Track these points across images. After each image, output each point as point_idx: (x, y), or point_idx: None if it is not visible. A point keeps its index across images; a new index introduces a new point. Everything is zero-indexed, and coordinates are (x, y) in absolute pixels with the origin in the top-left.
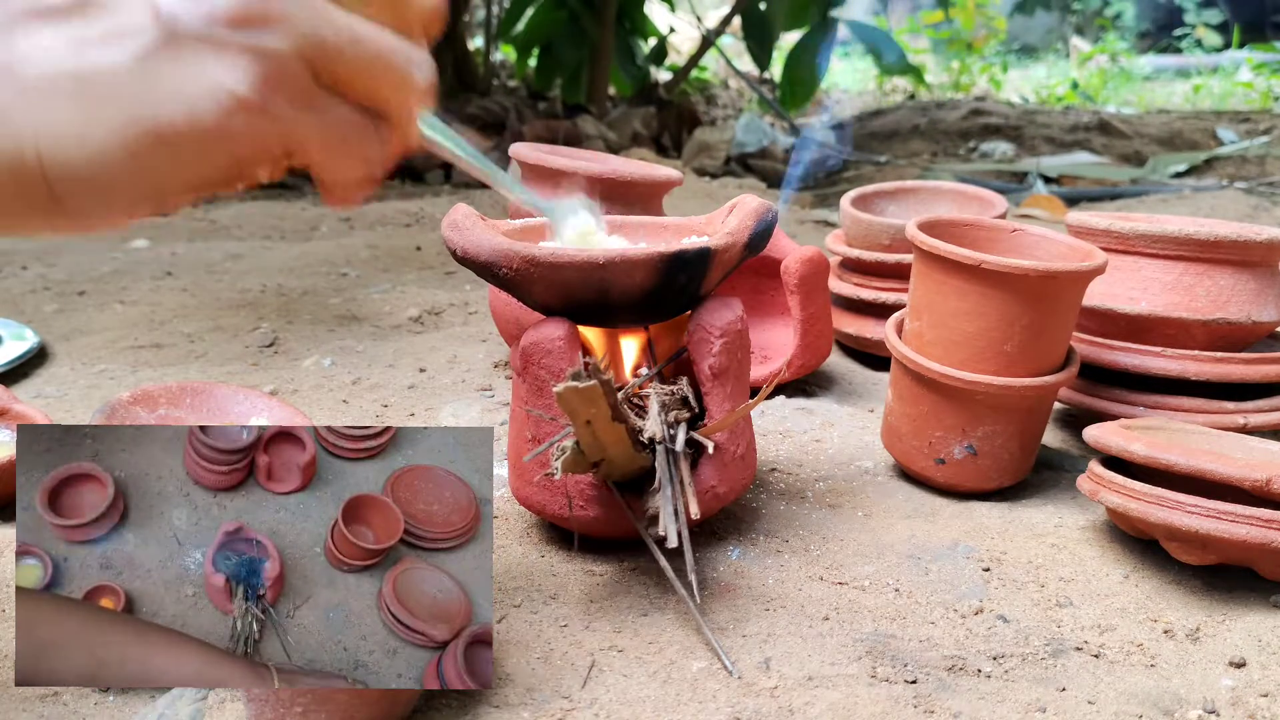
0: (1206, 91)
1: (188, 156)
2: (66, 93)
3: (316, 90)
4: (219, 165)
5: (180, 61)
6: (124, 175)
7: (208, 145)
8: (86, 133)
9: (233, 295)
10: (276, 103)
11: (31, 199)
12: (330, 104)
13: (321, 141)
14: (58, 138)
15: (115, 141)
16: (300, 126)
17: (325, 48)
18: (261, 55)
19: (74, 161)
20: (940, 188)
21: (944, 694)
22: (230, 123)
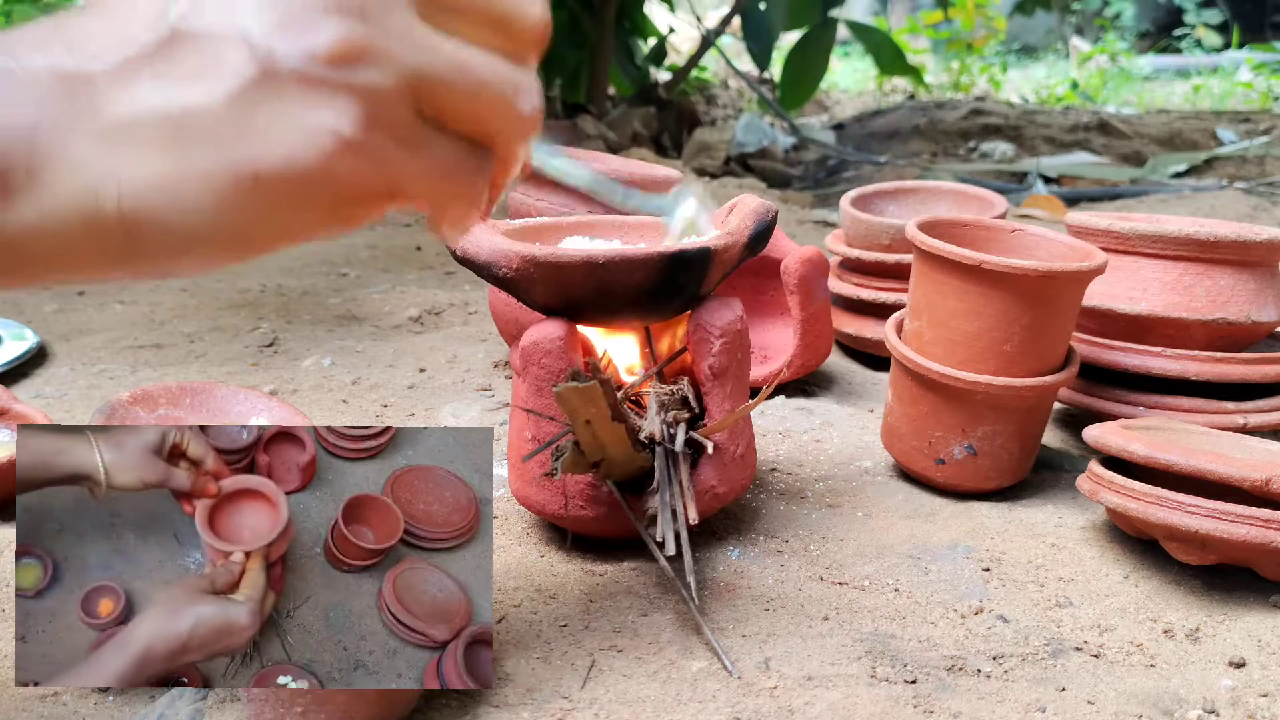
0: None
1: (285, 203)
2: (152, 139)
3: (421, 126)
4: (319, 211)
5: (277, 101)
6: (215, 225)
7: (308, 191)
8: (173, 180)
9: (232, 295)
10: (380, 143)
11: (108, 249)
12: (435, 140)
13: (426, 179)
14: (141, 186)
15: (205, 189)
16: (405, 166)
17: (429, 81)
18: (364, 93)
19: (159, 211)
20: (940, 188)
21: (944, 694)
22: (332, 166)
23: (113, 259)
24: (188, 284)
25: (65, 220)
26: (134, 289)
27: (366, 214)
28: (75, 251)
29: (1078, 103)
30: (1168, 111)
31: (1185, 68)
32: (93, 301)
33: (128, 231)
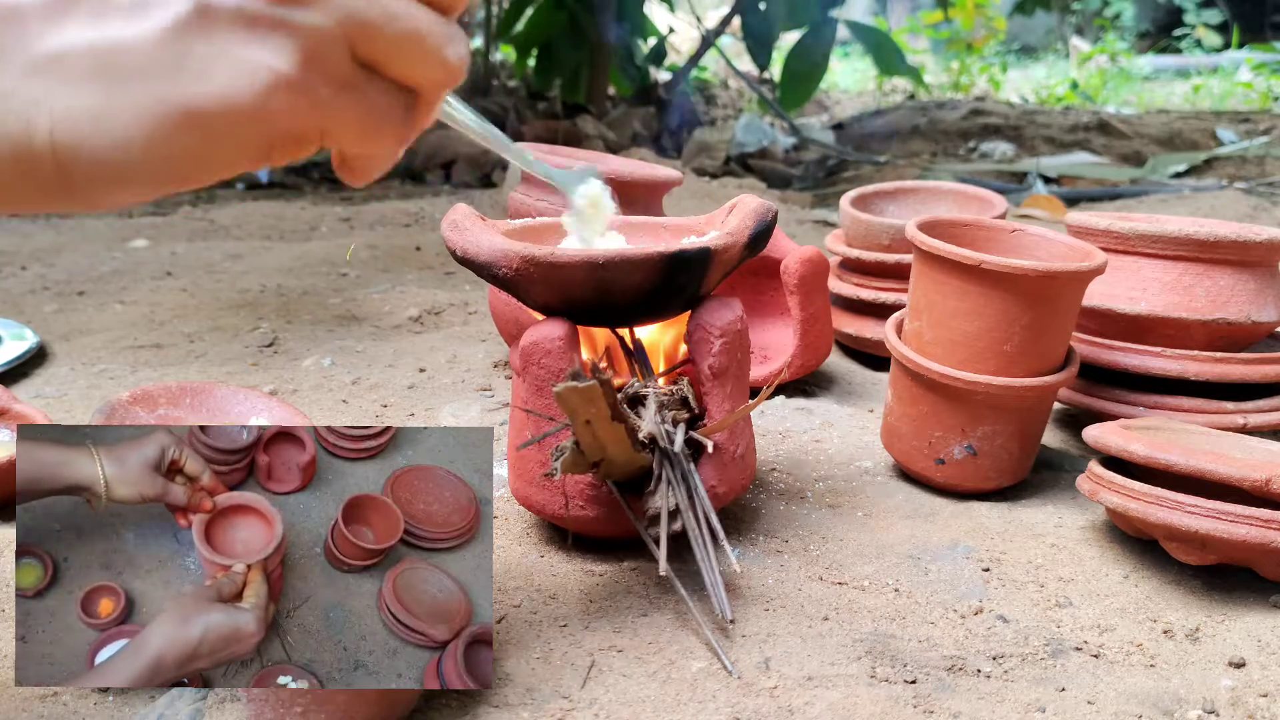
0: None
1: (219, 138)
2: (85, 70)
3: (354, 68)
4: (251, 147)
5: (214, 37)
6: (146, 158)
7: (242, 126)
8: (106, 114)
9: (232, 295)
10: (316, 82)
11: (40, 182)
12: (367, 82)
13: (356, 123)
14: (73, 119)
15: (138, 123)
16: (338, 106)
17: (365, 25)
18: (301, 32)
19: (91, 144)
20: (940, 188)
21: (944, 694)
22: (268, 103)
23: (45, 190)
24: (188, 284)
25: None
26: (134, 289)
27: (296, 151)
28: (6, 182)
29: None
30: (1168, 111)
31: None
32: (93, 301)
33: (59, 162)
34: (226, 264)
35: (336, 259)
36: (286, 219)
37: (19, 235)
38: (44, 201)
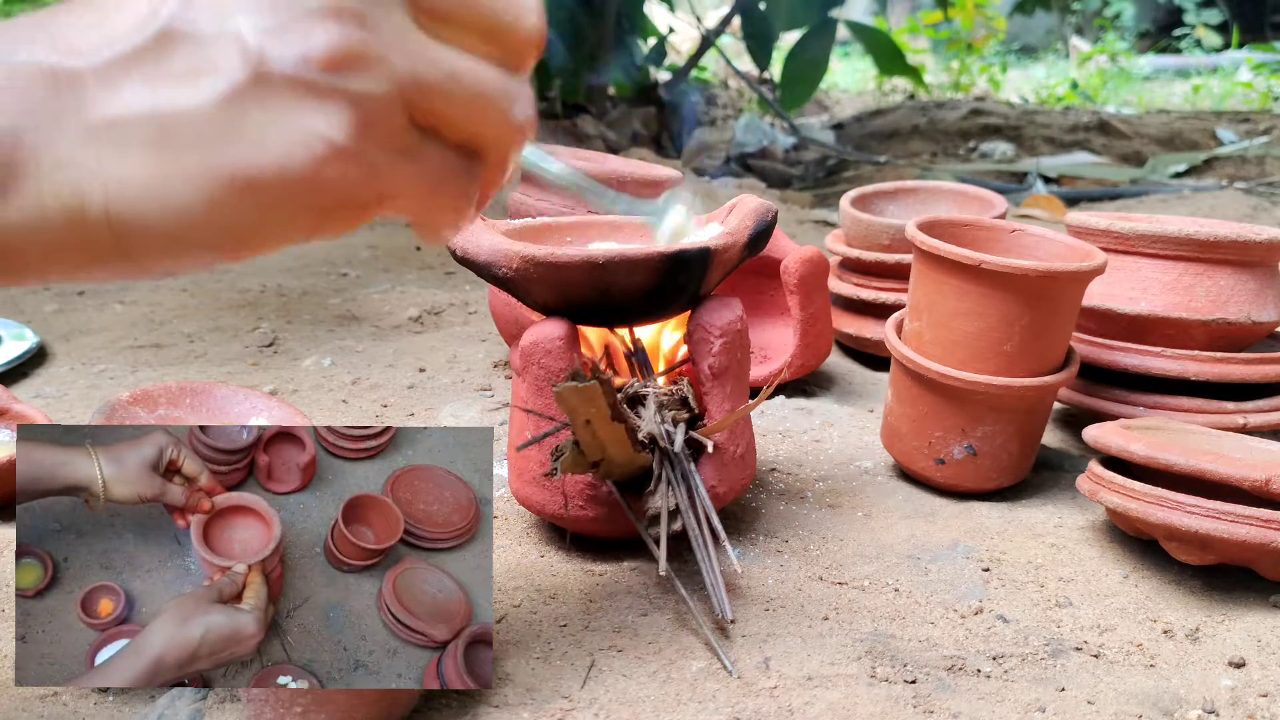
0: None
1: (274, 207)
2: (140, 139)
3: (413, 133)
4: (307, 215)
5: (269, 105)
6: (202, 227)
7: (297, 196)
8: (161, 182)
9: (232, 295)
10: (372, 150)
11: (96, 250)
12: (427, 148)
13: (417, 188)
14: (127, 188)
15: (193, 192)
16: (396, 174)
17: (423, 89)
18: (358, 100)
19: (146, 213)
20: (940, 188)
21: (943, 694)
22: (323, 172)
23: (100, 258)
24: (188, 284)
25: (50, 219)
26: (134, 289)
27: (355, 219)
28: (61, 250)
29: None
30: (1168, 111)
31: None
32: (93, 301)
33: (114, 232)
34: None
35: (336, 259)
36: None
37: None
38: (100, 269)
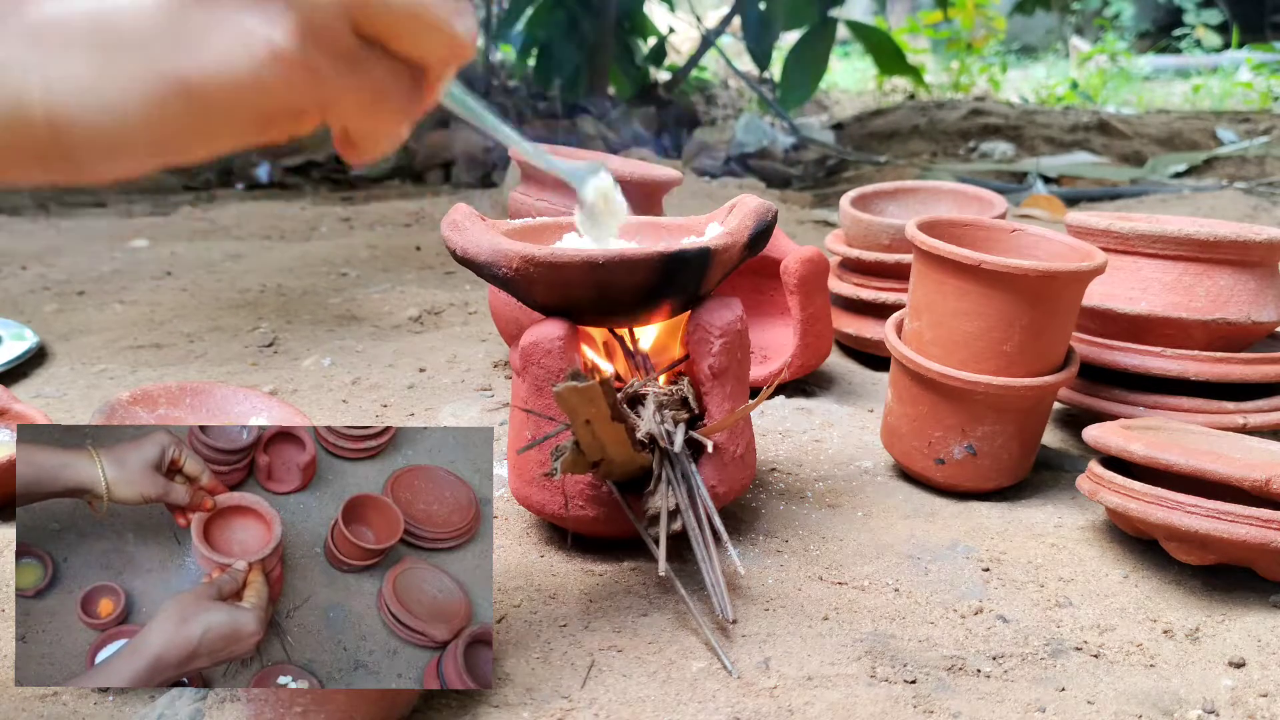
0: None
1: (215, 111)
2: (80, 40)
3: (356, 43)
4: (248, 120)
5: (211, 7)
6: (143, 129)
7: (238, 99)
8: (101, 82)
9: (232, 295)
10: (315, 56)
11: (37, 150)
12: (369, 58)
13: (358, 99)
14: (68, 87)
15: (134, 94)
16: (338, 83)
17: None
18: (301, 5)
19: (86, 114)
20: (940, 188)
21: (943, 694)
22: (265, 76)
23: (43, 159)
24: (187, 284)
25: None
26: (134, 289)
27: (294, 127)
28: (3, 151)
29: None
30: (1168, 111)
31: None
32: (93, 301)
33: (55, 131)
34: (226, 264)
35: (336, 259)
36: (286, 219)
37: (19, 235)
38: (43, 170)
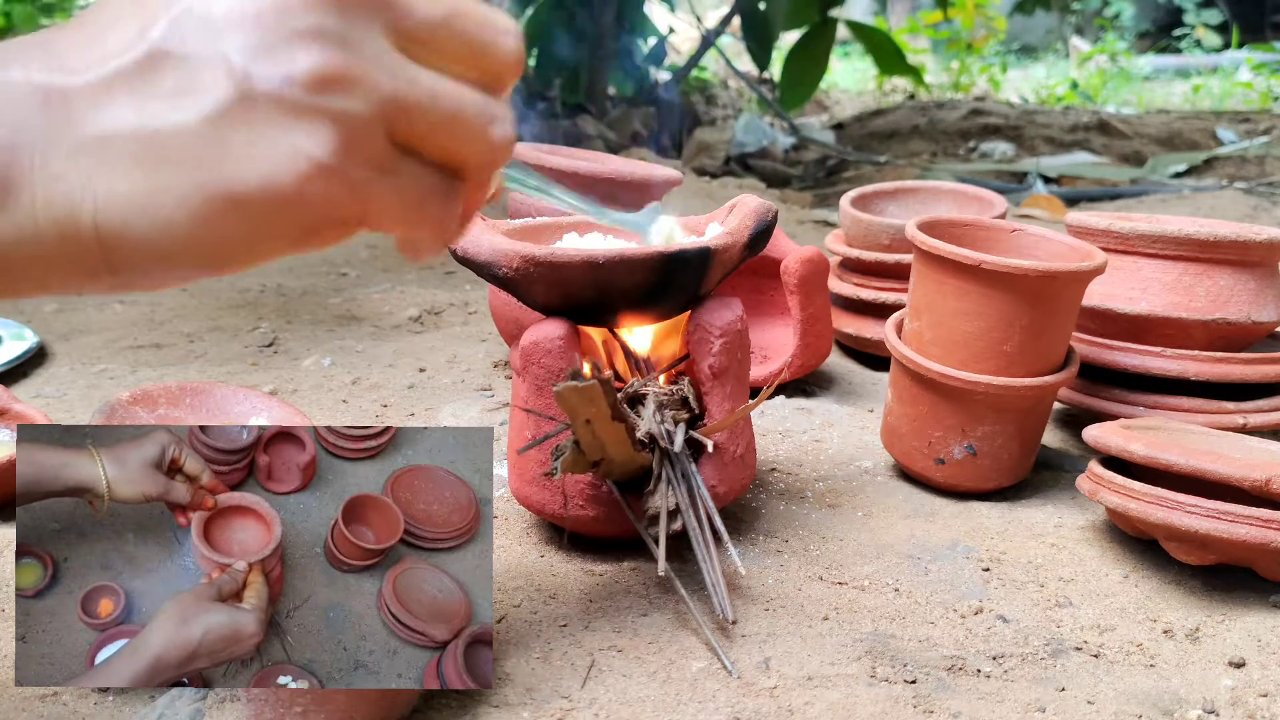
0: (1206, 91)
1: (259, 223)
2: (129, 156)
3: (394, 153)
4: (291, 232)
5: (255, 124)
6: (188, 242)
7: (280, 212)
8: (149, 198)
9: (232, 295)
10: (354, 168)
11: (85, 264)
12: (406, 166)
13: (398, 206)
14: (116, 202)
15: (179, 207)
16: (378, 192)
17: (404, 108)
18: (340, 119)
19: (134, 228)
20: (940, 188)
21: (944, 694)
22: (307, 190)
23: (89, 272)
24: None
25: (41, 232)
26: None
27: (338, 236)
28: (51, 264)
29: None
30: (1168, 111)
31: (1185, 68)
32: (93, 301)
33: (104, 246)
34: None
35: (336, 259)
36: None
37: None
38: (90, 284)
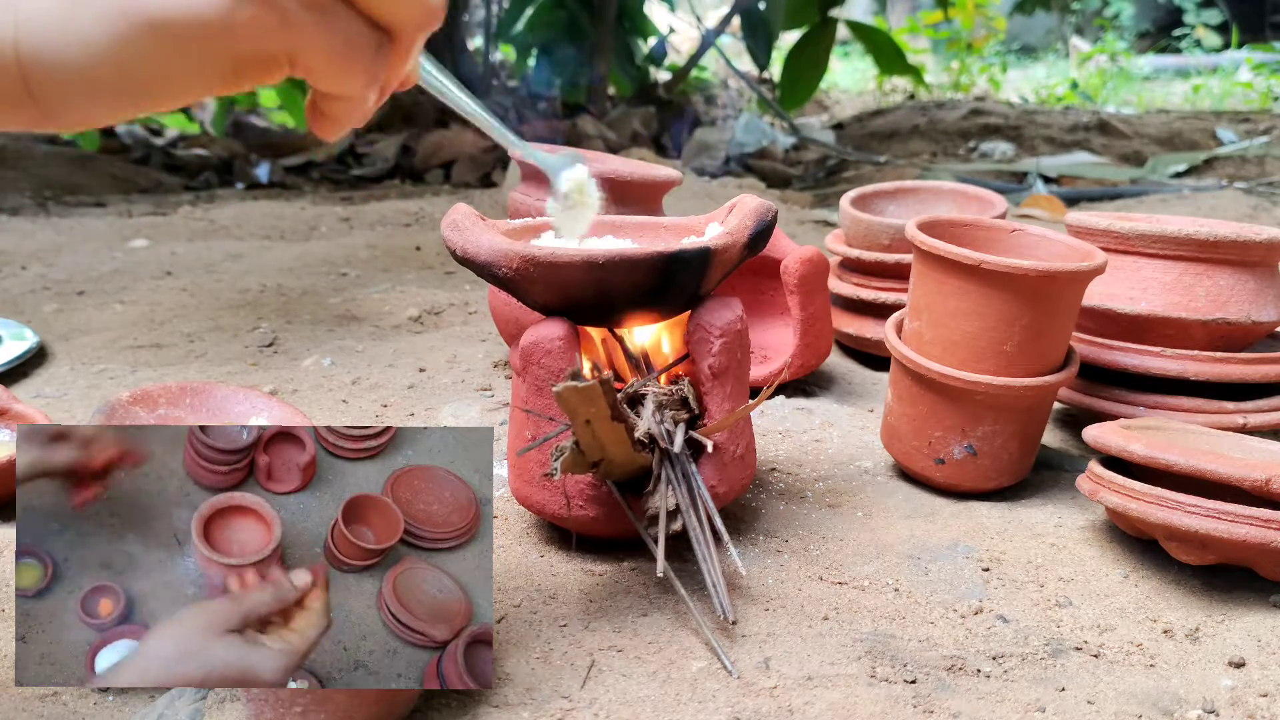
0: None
1: (184, 50)
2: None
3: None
4: (217, 63)
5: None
6: (111, 69)
7: (207, 39)
8: (69, 20)
9: (232, 295)
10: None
11: (6, 91)
12: (339, 11)
13: (327, 49)
14: (36, 25)
15: (101, 29)
16: (307, 30)
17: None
18: None
19: (55, 52)
20: (940, 188)
21: (943, 694)
22: (232, 15)
23: (13, 100)
24: (188, 284)
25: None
26: (134, 289)
27: (262, 75)
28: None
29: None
30: (1167, 111)
31: (1185, 68)
32: (93, 301)
33: (24, 69)
34: (226, 264)
35: (336, 259)
36: (286, 219)
37: (19, 235)
38: (13, 113)
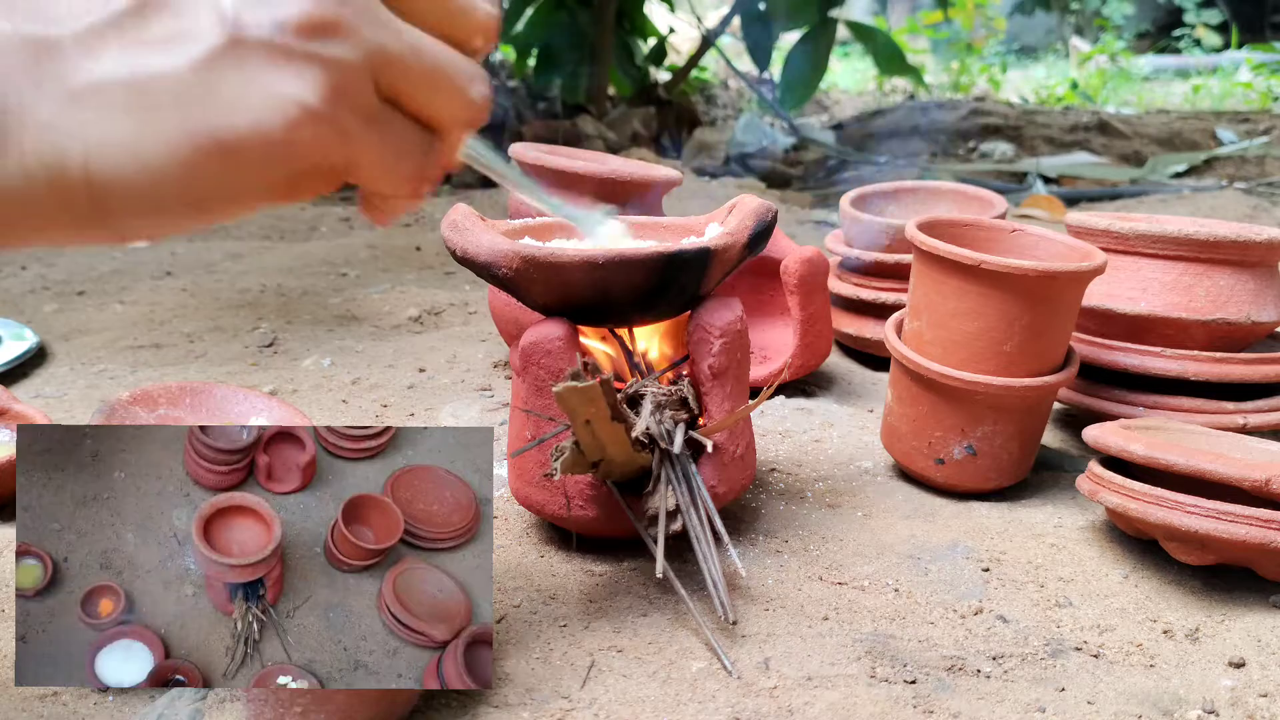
0: (1206, 92)
1: (247, 169)
2: (119, 101)
3: (378, 103)
4: (279, 178)
5: (245, 69)
6: (177, 188)
7: (270, 158)
8: (139, 144)
9: (232, 295)
10: (342, 115)
11: (75, 212)
12: (390, 116)
13: (381, 157)
14: (107, 149)
15: (169, 154)
16: (363, 140)
17: (391, 59)
18: (330, 65)
19: (124, 175)
20: (940, 188)
21: (943, 694)
22: (296, 135)
23: (79, 221)
24: (188, 284)
25: (32, 179)
26: (134, 289)
27: (320, 186)
28: (42, 212)
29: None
30: (1167, 111)
31: (1185, 68)
32: (93, 301)
33: (93, 193)
34: (226, 264)
35: (336, 259)
36: (286, 219)
37: None
38: (79, 233)
